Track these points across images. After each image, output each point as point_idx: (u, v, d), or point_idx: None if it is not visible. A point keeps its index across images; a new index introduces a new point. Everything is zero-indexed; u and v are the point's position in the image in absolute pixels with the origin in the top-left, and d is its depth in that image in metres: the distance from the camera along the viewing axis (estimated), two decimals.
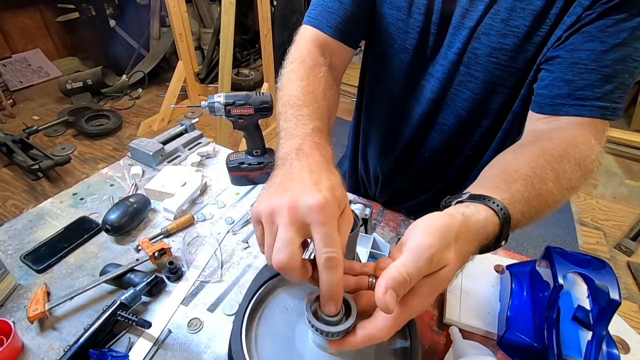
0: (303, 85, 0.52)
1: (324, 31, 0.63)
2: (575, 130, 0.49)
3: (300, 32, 0.65)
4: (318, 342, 0.35)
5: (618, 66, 0.48)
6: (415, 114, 0.72)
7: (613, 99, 0.49)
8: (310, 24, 0.64)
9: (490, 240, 0.37)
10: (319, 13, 0.63)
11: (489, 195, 0.39)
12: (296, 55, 0.60)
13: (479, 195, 0.39)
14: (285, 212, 0.32)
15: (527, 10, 0.52)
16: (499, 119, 0.65)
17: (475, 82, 0.62)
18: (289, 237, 0.32)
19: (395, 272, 0.30)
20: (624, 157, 2.52)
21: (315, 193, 0.32)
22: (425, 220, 0.34)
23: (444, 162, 0.76)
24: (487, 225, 0.36)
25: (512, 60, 0.57)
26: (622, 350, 0.51)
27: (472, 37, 0.58)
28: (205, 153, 0.93)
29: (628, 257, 1.81)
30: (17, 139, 2.23)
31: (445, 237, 0.32)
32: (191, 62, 2.76)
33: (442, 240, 0.32)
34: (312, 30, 0.64)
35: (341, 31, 0.63)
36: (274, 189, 0.36)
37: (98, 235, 0.71)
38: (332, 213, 0.32)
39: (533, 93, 0.56)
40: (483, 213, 0.37)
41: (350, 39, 0.65)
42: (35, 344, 0.53)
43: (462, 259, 0.34)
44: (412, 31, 0.63)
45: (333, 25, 0.62)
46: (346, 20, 0.62)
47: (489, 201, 0.38)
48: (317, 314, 0.34)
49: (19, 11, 3.02)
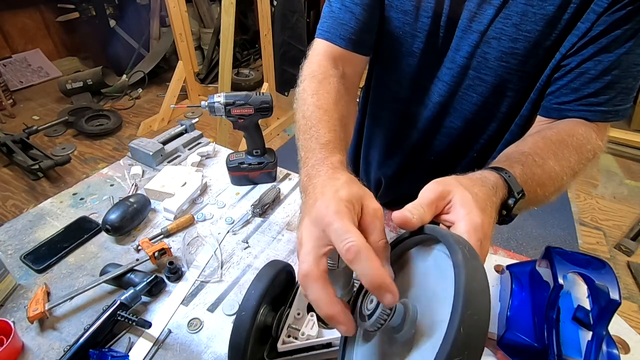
0: (313, 102, 0.54)
1: (336, 44, 0.62)
2: (576, 124, 0.53)
3: (313, 47, 0.64)
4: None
5: (622, 74, 0.51)
6: (422, 117, 0.72)
7: (615, 103, 0.52)
8: (322, 37, 0.63)
9: (501, 203, 0.41)
10: (330, 25, 0.63)
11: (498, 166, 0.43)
12: (307, 71, 0.60)
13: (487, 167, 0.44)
14: (299, 245, 0.35)
15: (538, 15, 0.52)
16: (506, 122, 0.66)
17: (485, 86, 0.62)
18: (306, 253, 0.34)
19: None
20: (624, 157, 2.52)
21: (315, 209, 0.35)
22: (466, 190, 0.36)
23: (450, 165, 0.76)
24: (498, 190, 0.40)
25: (523, 64, 0.57)
26: (622, 350, 0.51)
27: (481, 41, 0.58)
28: (205, 153, 0.93)
29: (628, 257, 1.81)
30: (17, 139, 2.23)
31: (485, 211, 0.36)
32: (191, 62, 2.76)
33: (485, 215, 0.35)
34: (325, 43, 0.63)
35: (354, 42, 0.62)
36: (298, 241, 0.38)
37: (98, 235, 0.71)
38: (336, 211, 0.33)
39: (543, 97, 0.57)
40: (492, 178, 0.41)
41: (363, 47, 0.64)
42: (35, 344, 0.53)
43: (492, 227, 0.38)
44: (420, 35, 0.63)
45: (345, 37, 0.62)
46: (358, 30, 0.62)
47: (500, 170, 0.42)
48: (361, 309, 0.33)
49: (19, 11, 3.02)
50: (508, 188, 0.42)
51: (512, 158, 0.46)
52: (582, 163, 0.51)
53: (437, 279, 0.32)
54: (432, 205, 0.35)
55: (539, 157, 0.47)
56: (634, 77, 0.52)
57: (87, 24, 3.18)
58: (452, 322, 0.25)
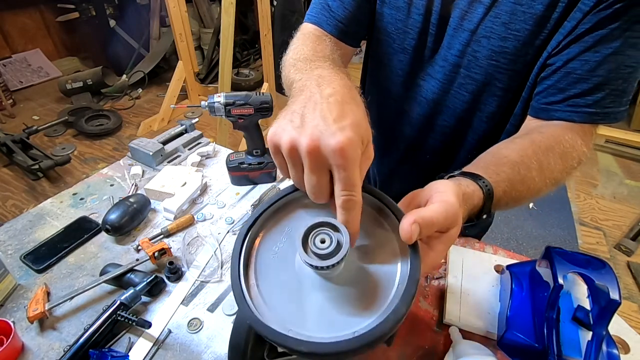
0: (312, 47, 0.55)
1: (323, 28, 0.63)
2: (563, 129, 0.53)
3: (300, 29, 0.65)
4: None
5: (611, 75, 0.50)
6: (416, 114, 0.72)
7: (604, 105, 0.52)
8: (310, 22, 0.65)
9: (474, 212, 0.43)
10: (319, 11, 0.64)
11: (478, 173, 0.44)
12: (298, 36, 0.62)
13: (469, 172, 0.45)
14: (307, 155, 0.30)
15: (527, 14, 0.52)
16: (499, 121, 0.65)
17: (475, 85, 0.62)
18: (314, 181, 0.32)
19: (426, 212, 0.33)
20: (624, 157, 2.52)
21: (337, 133, 0.29)
22: (442, 183, 0.38)
23: (444, 163, 0.76)
24: (474, 198, 0.42)
25: (513, 63, 0.57)
26: (622, 350, 0.51)
27: (471, 39, 0.58)
28: (205, 153, 0.93)
29: (628, 257, 1.81)
30: (17, 139, 2.23)
31: (459, 200, 0.37)
32: (191, 62, 2.76)
33: (459, 202, 0.37)
34: (313, 27, 0.64)
35: (341, 30, 0.63)
36: (291, 117, 0.33)
37: (98, 235, 0.71)
38: (354, 156, 0.30)
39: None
40: (472, 187, 0.42)
41: (350, 37, 0.65)
42: (35, 344, 0.54)
43: (463, 221, 0.38)
44: (411, 31, 0.63)
45: (333, 23, 0.63)
46: (346, 19, 0.63)
47: (477, 178, 0.43)
48: (308, 248, 0.32)
49: (19, 11, 3.02)
50: (483, 203, 0.43)
51: (500, 170, 0.46)
52: (566, 172, 0.51)
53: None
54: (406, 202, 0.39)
55: (524, 167, 0.47)
56: (625, 79, 0.50)
57: (87, 24, 3.18)
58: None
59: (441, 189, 0.37)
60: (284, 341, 0.30)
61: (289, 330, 0.30)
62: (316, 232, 0.32)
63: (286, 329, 0.30)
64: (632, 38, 0.48)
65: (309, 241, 0.32)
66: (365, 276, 0.34)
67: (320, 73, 0.39)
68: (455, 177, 0.44)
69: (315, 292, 0.34)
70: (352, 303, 0.32)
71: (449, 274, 0.62)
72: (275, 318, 0.32)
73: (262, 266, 0.36)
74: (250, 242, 0.37)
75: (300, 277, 0.35)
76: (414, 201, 0.39)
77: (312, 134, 0.30)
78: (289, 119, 0.33)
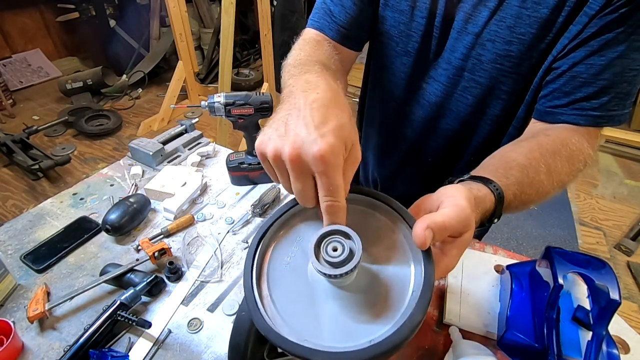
0: (308, 52, 0.55)
1: (325, 33, 0.63)
2: (569, 132, 0.53)
3: (302, 35, 0.65)
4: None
5: (616, 78, 0.50)
6: (418, 117, 0.72)
7: (609, 108, 0.52)
8: (312, 27, 0.65)
9: (486, 217, 0.43)
10: (321, 16, 0.64)
11: (487, 177, 0.44)
12: (299, 42, 0.62)
13: (478, 176, 0.44)
14: (289, 163, 0.31)
15: (532, 17, 0.52)
16: (502, 124, 0.65)
17: (479, 88, 0.62)
18: (300, 188, 0.33)
19: (438, 217, 0.33)
20: (624, 157, 2.52)
21: (318, 140, 0.30)
22: (453, 188, 0.38)
23: (446, 166, 0.76)
24: (486, 202, 0.41)
25: (517, 67, 0.57)
26: (622, 350, 0.51)
27: (476, 43, 0.58)
28: (205, 153, 0.93)
29: (628, 257, 1.81)
30: (17, 139, 2.23)
31: (470, 204, 0.37)
32: (191, 62, 2.76)
33: (470, 206, 0.36)
34: (314, 32, 0.64)
35: (343, 34, 0.63)
36: (276, 125, 0.34)
37: (98, 235, 0.71)
38: (335, 161, 0.30)
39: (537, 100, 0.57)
40: (483, 191, 0.42)
41: (352, 41, 0.65)
42: (35, 344, 0.54)
43: (476, 226, 0.38)
44: (415, 34, 0.63)
45: (334, 28, 0.63)
46: (348, 24, 0.63)
47: (487, 182, 0.43)
48: (320, 257, 0.32)
49: (19, 11, 3.02)
50: (494, 207, 0.43)
51: (510, 174, 0.46)
52: (573, 174, 0.51)
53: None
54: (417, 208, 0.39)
55: (532, 170, 0.47)
56: (629, 82, 0.51)
57: (87, 24, 3.18)
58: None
59: (452, 193, 0.37)
60: (300, 352, 0.29)
61: (305, 341, 0.30)
62: (328, 240, 0.32)
63: (302, 339, 0.30)
64: (637, 42, 0.48)
65: (321, 250, 0.32)
66: (378, 283, 0.34)
67: (307, 78, 0.40)
68: (465, 182, 0.43)
69: (329, 301, 0.33)
70: (366, 311, 0.32)
71: (449, 274, 0.62)
72: (290, 328, 0.32)
73: (275, 277, 0.36)
74: (262, 253, 0.37)
75: (313, 286, 0.35)
76: (424, 206, 0.38)
77: (293, 142, 0.31)
78: (275, 127, 0.34)
